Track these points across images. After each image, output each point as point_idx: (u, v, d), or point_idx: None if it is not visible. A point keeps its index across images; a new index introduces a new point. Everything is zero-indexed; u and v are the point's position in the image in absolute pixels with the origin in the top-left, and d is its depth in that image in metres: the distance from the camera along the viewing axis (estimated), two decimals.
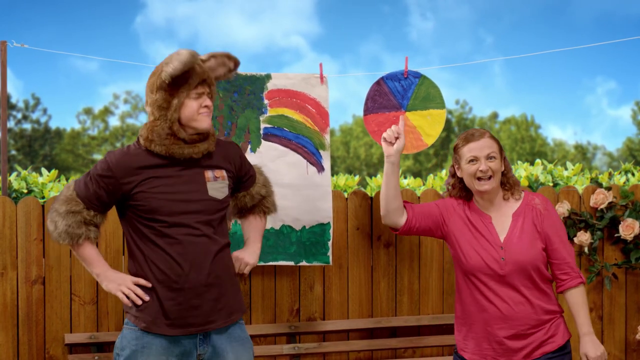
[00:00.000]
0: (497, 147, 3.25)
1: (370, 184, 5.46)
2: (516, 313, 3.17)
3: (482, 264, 3.20)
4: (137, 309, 3.05)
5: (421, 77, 4.16)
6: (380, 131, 4.17)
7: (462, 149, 3.27)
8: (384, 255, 4.46)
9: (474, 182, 3.24)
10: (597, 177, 5.04)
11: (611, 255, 4.59)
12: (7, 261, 4.11)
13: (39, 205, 4.14)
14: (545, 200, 3.26)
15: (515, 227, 3.20)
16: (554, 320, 3.21)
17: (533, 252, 3.16)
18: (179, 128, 3.05)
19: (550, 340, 3.19)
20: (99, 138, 34.21)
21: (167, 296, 3.02)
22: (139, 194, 3.02)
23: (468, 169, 3.24)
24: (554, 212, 3.24)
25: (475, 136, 3.25)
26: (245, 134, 4.13)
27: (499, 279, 3.18)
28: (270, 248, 4.17)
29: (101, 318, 4.20)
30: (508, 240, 3.19)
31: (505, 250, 3.18)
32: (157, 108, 3.05)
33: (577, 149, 35.28)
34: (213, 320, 3.08)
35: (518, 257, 3.15)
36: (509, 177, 3.28)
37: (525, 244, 3.16)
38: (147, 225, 3.03)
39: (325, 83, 4.18)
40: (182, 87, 3.03)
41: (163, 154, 3.06)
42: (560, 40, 41.61)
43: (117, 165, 3.04)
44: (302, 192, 4.14)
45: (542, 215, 3.20)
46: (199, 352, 3.07)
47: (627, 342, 4.62)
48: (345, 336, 4.44)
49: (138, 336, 3.04)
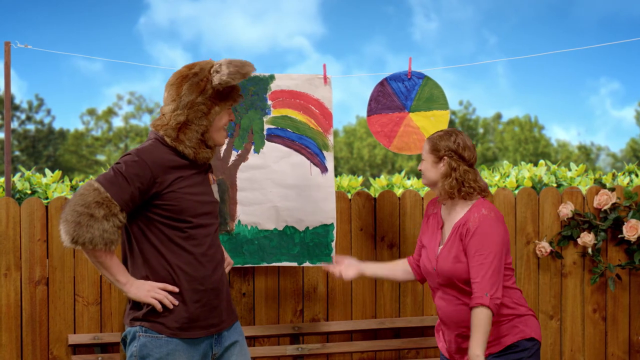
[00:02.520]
0: (427, 149, 3.33)
1: (373, 185, 5.47)
2: (457, 314, 3.25)
3: (426, 270, 3.36)
4: (160, 315, 2.96)
5: (425, 78, 4.16)
6: (384, 132, 4.17)
7: None
8: (388, 255, 4.46)
9: None
10: (601, 178, 5.03)
11: (615, 256, 4.59)
12: (11, 262, 4.11)
13: (42, 206, 4.15)
14: (484, 216, 3.21)
15: (450, 239, 3.28)
16: (503, 322, 3.23)
17: (457, 267, 3.21)
18: (209, 136, 3.05)
19: (495, 342, 3.22)
20: (103, 139, 34.24)
21: (193, 298, 2.99)
22: (170, 193, 2.96)
23: None
24: (486, 229, 3.18)
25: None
26: (249, 134, 4.13)
27: (438, 285, 3.31)
28: (273, 249, 4.17)
29: (105, 319, 4.21)
30: (441, 252, 3.29)
31: (437, 262, 3.28)
32: (196, 111, 3.01)
33: (581, 149, 35.25)
34: (226, 319, 3.10)
35: (444, 270, 3.24)
36: (444, 184, 3.28)
37: (450, 259, 3.23)
38: (173, 226, 2.97)
39: (328, 84, 4.18)
40: (228, 100, 3.06)
41: (190, 157, 3.03)
42: (564, 41, 41.61)
43: (154, 164, 2.96)
44: (306, 193, 4.14)
45: (468, 232, 3.21)
46: (214, 351, 3.07)
47: (631, 343, 4.61)
48: (349, 337, 4.44)
49: (162, 344, 2.96)
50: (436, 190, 3.34)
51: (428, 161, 3.32)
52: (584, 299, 4.58)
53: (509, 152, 33.44)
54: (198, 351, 3.02)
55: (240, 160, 4.12)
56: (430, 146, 3.31)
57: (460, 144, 3.27)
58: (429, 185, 3.36)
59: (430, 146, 3.31)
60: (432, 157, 3.30)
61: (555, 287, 4.57)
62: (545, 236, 4.53)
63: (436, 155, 3.29)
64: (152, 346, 2.95)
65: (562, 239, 4.53)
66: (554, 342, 4.57)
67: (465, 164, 3.27)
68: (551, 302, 4.56)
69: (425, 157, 3.33)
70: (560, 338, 4.58)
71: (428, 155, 3.32)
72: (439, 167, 3.29)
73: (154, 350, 2.95)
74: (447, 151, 3.27)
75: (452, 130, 3.34)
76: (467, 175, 3.26)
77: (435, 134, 3.35)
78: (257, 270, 4.36)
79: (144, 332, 2.97)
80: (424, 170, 3.35)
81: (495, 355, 3.23)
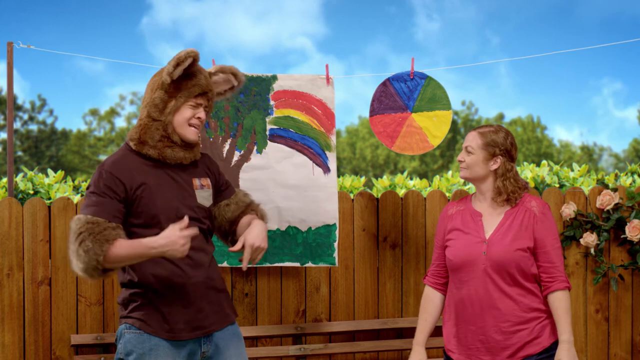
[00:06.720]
0: (479, 143, 3.25)
1: (376, 185, 5.47)
2: (499, 307, 3.17)
3: (467, 258, 3.22)
4: (143, 313, 2.98)
5: (427, 79, 4.16)
6: (386, 132, 4.17)
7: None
8: (390, 256, 4.46)
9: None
10: (604, 178, 5.03)
11: (617, 256, 4.58)
12: (14, 262, 4.11)
13: (45, 207, 4.15)
14: (543, 204, 3.25)
15: (504, 225, 3.22)
16: (540, 320, 3.19)
17: (514, 251, 3.16)
18: (173, 131, 3.03)
19: (534, 342, 3.17)
20: (105, 139, 34.24)
21: (171, 302, 2.99)
22: (138, 199, 2.96)
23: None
24: (550, 217, 3.24)
25: (472, 129, 3.33)
26: (251, 135, 4.13)
27: (481, 274, 3.19)
28: (276, 249, 4.17)
29: (107, 319, 4.21)
30: (493, 236, 3.21)
31: (488, 246, 3.19)
32: (154, 107, 3.02)
33: (584, 150, 35.21)
34: (216, 321, 3.08)
35: (498, 254, 3.16)
36: (504, 184, 3.24)
37: (507, 242, 3.17)
38: (146, 233, 2.93)
39: (331, 84, 4.18)
40: (182, 92, 3.02)
41: (155, 157, 3.02)
42: (566, 41, 41.52)
43: (117, 170, 2.96)
44: (308, 193, 4.15)
45: (536, 218, 3.19)
46: (203, 349, 3.07)
47: (634, 343, 4.61)
48: (351, 337, 4.44)
49: (144, 339, 2.98)
50: (478, 184, 3.28)
51: (479, 156, 3.24)
52: (586, 299, 4.58)
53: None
54: (184, 349, 3.02)
55: (242, 160, 4.12)
56: (483, 142, 3.24)
57: (513, 144, 3.27)
58: (472, 179, 3.29)
59: (484, 142, 3.24)
60: (485, 153, 3.24)
61: None
62: None
63: (490, 152, 3.24)
64: (136, 342, 2.98)
65: (564, 240, 4.52)
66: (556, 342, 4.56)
67: (513, 163, 3.28)
68: None
69: (476, 152, 3.25)
70: None
71: (480, 150, 3.24)
72: (490, 164, 3.24)
73: (137, 346, 2.98)
74: (502, 150, 3.25)
75: (500, 126, 3.30)
76: (518, 176, 3.27)
77: (485, 129, 3.28)
78: (260, 270, 4.36)
79: (128, 328, 3.01)
80: (472, 164, 3.26)
81: (534, 357, 3.17)
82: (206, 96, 3.07)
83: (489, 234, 3.22)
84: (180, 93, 3.02)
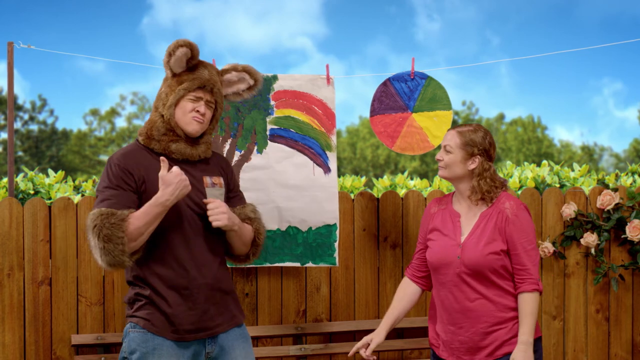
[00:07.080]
0: (457, 143, 3.24)
1: (376, 185, 5.47)
2: (476, 308, 3.17)
3: (442, 261, 3.23)
4: (148, 312, 2.99)
5: (427, 79, 4.16)
6: (387, 132, 4.17)
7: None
8: (391, 256, 4.46)
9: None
10: (604, 178, 5.03)
11: (618, 256, 4.58)
12: (14, 262, 4.11)
13: (45, 207, 4.15)
14: (518, 205, 3.23)
15: (478, 227, 3.21)
16: (518, 319, 3.21)
17: (487, 254, 3.15)
18: (176, 125, 3.04)
19: (513, 340, 3.17)
20: (106, 139, 34.24)
21: (175, 303, 2.99)
22: (145, 194, 2.97)
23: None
24: (524, 217, 3.21)
25: (451, 127, 3.34)
26: (252, 135, 4.13)
27: (457, 277, 3.20)
28: (276, 249, 4.17)
29: (108, 319, 4.21)
30: (467, 240, 3.21)
31: (462, 250, 3.19)
32: (159, 101, 3.07)
33: (584, 150, 35.20)
34: (222, 323, 3.08)
35: (471, 258, 3.16)
36: (479, 184, 3.23)
37: (481, 246, 3.16)
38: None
39: (331, 84, 4.18)
40: (182, 85, 3.04)
41: (160, 151, 3.04)
42: (566, 41, 41.53)
43: (125, 162, 2.98)
44: (309, 193, 4.14)
45: (508, 220, 3.18)
46: (207, 350, 3.06)
47: (634, 343, 4.61)
48: (352, 337, 4.43)
49: (148, 338, 2.99)
50: (456, 184, 3.28)
51: (457, 155, 3.24)
52: (587, 299, 4.58)
53: (512, 153, 33.40)
54: (188, 349, 3.02)
55: (243, 160, 4.12)
56: (462, 141, 3.23)
57: (491, 143, 3.26)
58: (450, 178, 3.28)
59: (463, 141, 3.23)
60: (463, 152, 3.23)
61: (558, 287, 4.57)
62: (548, 236, 4.52)
63: (468, 151, 3.23)
64: (139, 341, 2.99)
65: (565, 240, 4.52)
66: (557, 342, 4.57)
67: (491, 163, 3.26)
68: (554, 303, 4.56)
69: (454, 151, 3.24)
70: (563, 338, 4.58)
71: (458, 150, 3.23)
72: (468, 163, 3.24)
73: (141, 345, 2.98)
74: (480, 149, 3.23)
75: (478, 126, 3.29)
76: (495, 176, 3.25)
77: (464, 128, 3.26)
78: (260, 270, 4.36)
79: (133, 327, 3.02)
80: (450, 164, 3.25)
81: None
82: (207, 90, 3.08)
83: (465, 236, 3.22)
84: (180, 86, 3.04)
